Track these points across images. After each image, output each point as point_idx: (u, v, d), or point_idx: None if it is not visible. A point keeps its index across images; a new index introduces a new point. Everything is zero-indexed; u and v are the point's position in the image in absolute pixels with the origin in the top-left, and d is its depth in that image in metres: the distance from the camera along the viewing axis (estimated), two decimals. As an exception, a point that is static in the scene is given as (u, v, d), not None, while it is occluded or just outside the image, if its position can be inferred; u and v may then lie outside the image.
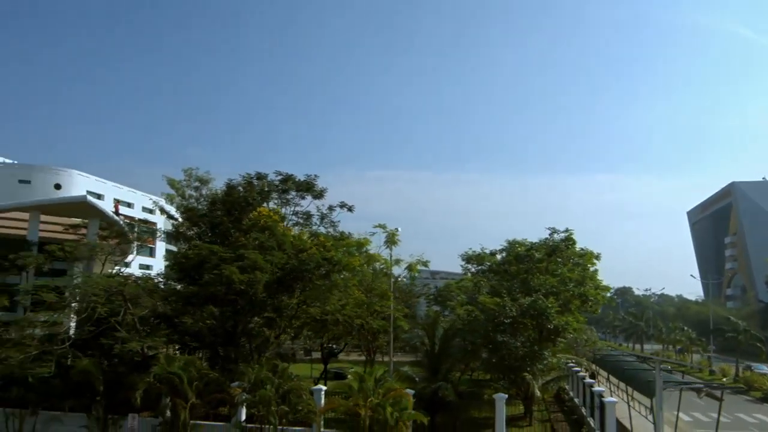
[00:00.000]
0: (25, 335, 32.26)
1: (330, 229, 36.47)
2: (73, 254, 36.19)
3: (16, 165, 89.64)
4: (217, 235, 38.07)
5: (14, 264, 35.21)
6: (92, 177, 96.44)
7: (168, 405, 25.12)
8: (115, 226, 38.77)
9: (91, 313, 25.06)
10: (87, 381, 24.02)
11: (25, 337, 32.13)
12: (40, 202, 39.99)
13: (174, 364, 23.60)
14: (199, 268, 28.58)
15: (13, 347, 28.69)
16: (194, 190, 40.12)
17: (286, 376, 24.31)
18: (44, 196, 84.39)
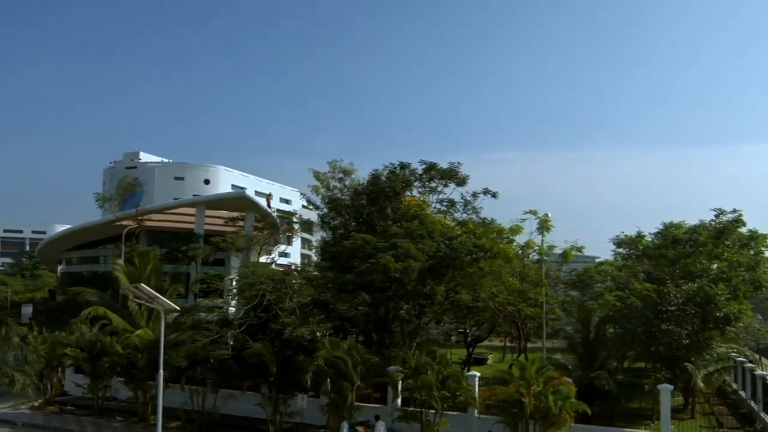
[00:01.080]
0: (198, 320, 35.65)
1: (473, 215, 36.60)
2: (233, 245, 39.36)
3: (172, 164, 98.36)
4: (361, 224, 39.45)
5: (186, 255, 39.02)
6: (236, 172, 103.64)
7: (328, 386, 26.67)
8: (268, 218, 41.49)
9: (260, 300, 27.06)
10: (260, 363, 25.95)
11: (198, 322, 35.50)
12: (205, 199, 43.89)
13: (338, 349, 24.92)
14: (353, 257, 29.84)
15: (191, 330, 31.82)
16: (338, 181, 41.70)
17: (445, 362, 24.80)
18: (195, 191, 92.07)
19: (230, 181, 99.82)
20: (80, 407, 32.83)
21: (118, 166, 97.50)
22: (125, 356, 29.49)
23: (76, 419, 30.75)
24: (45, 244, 63.48)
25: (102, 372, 31.21)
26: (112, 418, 30.98)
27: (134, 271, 35.48)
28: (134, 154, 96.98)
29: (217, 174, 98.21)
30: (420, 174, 35.05)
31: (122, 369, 30.57)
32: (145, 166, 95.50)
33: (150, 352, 29.33)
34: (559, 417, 22.09)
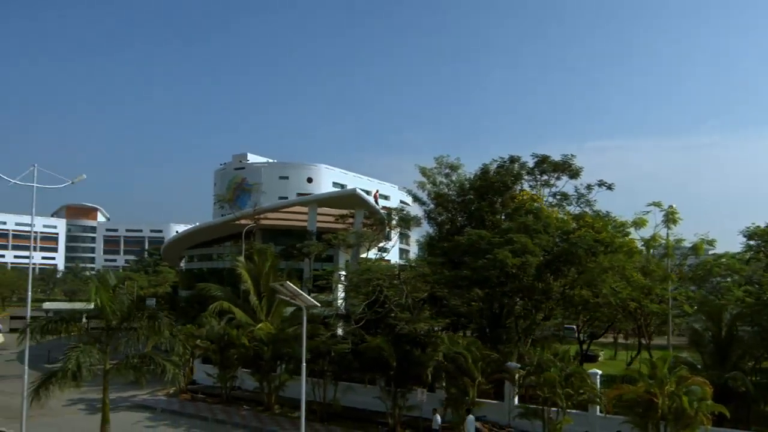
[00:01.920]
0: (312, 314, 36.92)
1: (587, 208, 35.47)
2: (344, 241, 40.45)
3: (277, 163, 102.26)
4: (470, 219, 39.28)
5: (300, 252, 40.57)
6: (337, 169, 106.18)
7: (443, 382, 26.85)
8: (376, 215, 42.25)
9: (378, 295, 27.67)
10: (379, 357, 26.55)
11: (312, 317, 36.78)
12: (317, 197, 45.44)
13: (457, 344, 25.04)
14: (466, 253, 29.80)
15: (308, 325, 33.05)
16: (444, 176, 41.72)
17: (567, 359, 24.28)
18: (299, 189, 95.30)
19: (331, 178, 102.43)
20: (209, 395, 35.05)
21: (227, 168, 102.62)
22: (252, 348, 31.11)
23: (208, 407, 32.87)
24: (169, 243, 68.07)
25: (229, 363, 33.12)
26: (239, 406, 32.84)
27: (254, 268, 37.34)
28: (242, 156, 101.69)
29: (318, 172, 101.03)
30: (531, 167, 34.40)
31: (248, 360, 32.28)
32: (252, 166, 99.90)
33: (275, 344, 30.82)
34: (694, 419, 21.03)
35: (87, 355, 17.50)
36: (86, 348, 17.77)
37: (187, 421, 30.07)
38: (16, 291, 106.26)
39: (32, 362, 50.47)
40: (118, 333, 19.40)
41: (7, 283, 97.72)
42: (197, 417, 30.82)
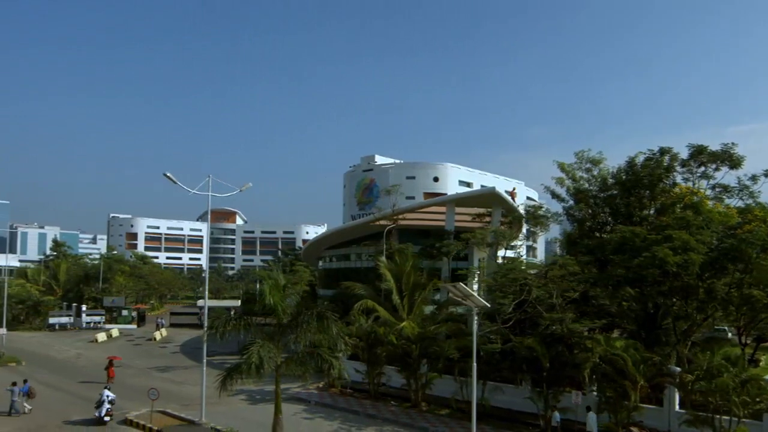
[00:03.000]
0: (450, 313, 37.18)
1: (749, 201, 32.68)
2: (483, 240, 40.28)
3: (404, 164, 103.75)
4: (614, 215, 37.55)
5: (439, 251, 40.97)
6: (463, 168, 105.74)
7: (595, 384, 25.91)
8: (514, 213, 41.64)
9: (527, 294, 27.32)
10: (530, 357, 26.20)
11: (450, 315, 37.02)
12: (456, 197, 45.68)
13: (614, 346, 24.10)
14: (618, 251, 28.57)
15: (445, 324, 33.40)
16: (585, 171, 40.22)
17: (741, 365, 22.55)
18: (426, 188, 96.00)
19: (457, 177, 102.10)
20: (357, 390, 36.40)
21: (356, 170, 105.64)
22: (400, 346, 31.88)
23: (357, 401, 34.16)
24: (309, 244, 71.48)
25: (376, 360, 34.17)
26: (387, 402, 33.80)
27: (395, 267, 38.21)
28: (370, 158, 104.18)
29: (445, 171, 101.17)
30: (686, 159, 32.24)
31: (395, 358, 33.11)
32: (380, 168, 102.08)
33: (422, 342, 31.39)
34: None
35: (266, 350, 18.91)
36: (264, 344, 19.20)
37: (341, 415, 31.43)
38: (170, 289, 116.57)
39: (193, 355, 55.38)
40: (287, 330, 20.72)
41: (165, 282, 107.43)
42: (349, 411, 32.12)
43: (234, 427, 26.75)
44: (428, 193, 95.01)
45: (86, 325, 72.90)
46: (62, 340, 63.58)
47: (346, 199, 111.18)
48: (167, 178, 23.36)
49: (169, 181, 23.39)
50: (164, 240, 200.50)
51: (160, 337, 66.38)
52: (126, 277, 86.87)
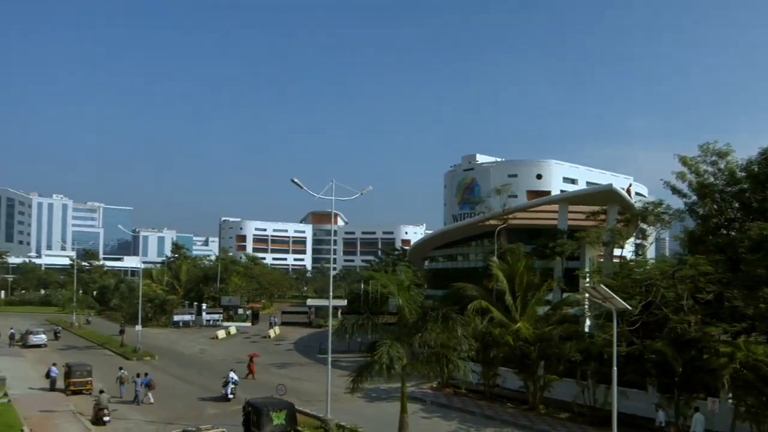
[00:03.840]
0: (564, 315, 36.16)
1: None
2: (599, 239, 38.93)
3: (505, 162, 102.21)
4: (744, 210, 35.01)
5: (553, 251, 40.05)
6: (566, 164, 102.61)
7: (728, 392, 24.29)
8: (631, 210, 39.88)
9: (653, 297, 26.12)
10: (660, 361, 25.05)
11: (564, 317, 35.99)
12: (569, 195, 44.61)
13: (758, 351, 22.52)
14: (756, 249, 26.68)
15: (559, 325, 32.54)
16: (710, 165, 37.79)
17: None
18: (528, 186, 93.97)
19: (561, 174, 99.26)
20: (471, 391, 36.33)
21: (457, 169, 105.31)
22: (517, 348, 31.50)
23: (472, 402, 34.11)
24: (416, 244, 72.17)
25: (492, 361, 33.96)
26: (503, 403, 33.50)
27: (507, 268, 37.74)
28: (471, 157, 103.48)
29: (548, 168, 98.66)
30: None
31: (512, 359, 32.75)
32: (481, 167, 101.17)
33: (541, 344, 30.85)
34: None
35: (394, 350, 19.37)
36: (393, 343, 19.67)
37: (457, 415, 31.52)
38: (279, 289, 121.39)
39: (306, 352, 57.46)
40: (412, 330, 21.08)
41: (275, 282, 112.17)
42: (465, 411, 32.15)
43: (357, 424, 27.51)
44: (531, 191, 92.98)
45: (206, 323, 77.63)
46: (186, 336, 68.08)
47: (447, 199, 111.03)
48: (294, 183, 24.46)
49: (296, 186, 24.49)
50: (270, 242, 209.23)
51: (274, 334, 69.41)
52: (240, 277, 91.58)
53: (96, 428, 27.50)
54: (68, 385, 35.29)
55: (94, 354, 52.09)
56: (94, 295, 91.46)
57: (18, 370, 41.83)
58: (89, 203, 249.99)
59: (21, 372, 41.76)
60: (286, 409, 24.04)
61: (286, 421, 23.59)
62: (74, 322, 74.18)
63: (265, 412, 23.39)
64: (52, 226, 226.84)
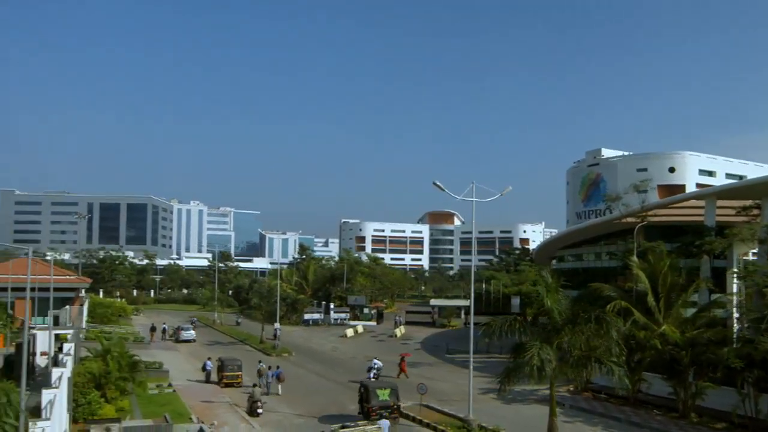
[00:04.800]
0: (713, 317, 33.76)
1: None
2: (753, 236, 36.00)
3: (633, 156, 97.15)
4: None
5: (701, 249, 37.61)
6: (702, 155, 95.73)
7: None
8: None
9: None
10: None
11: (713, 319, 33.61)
12: (717, 189, 41.66)
13: None
14: None
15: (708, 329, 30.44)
16: None
17: None
18: (660, 180, 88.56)
19: (697, 166, 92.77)
20: (611, 396, 34.89)
21: (580, 165, 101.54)
22: (666, 352, 29.92)
23: (616, 408, 32.75)
24: (543, 243, 70.56)
25: (636, 365, 32.44)
26: (649, 410, 31.91)
27: (648, 267, 35.87)
28: (596, 152, 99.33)
29: (682, 160, 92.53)
30: None
31: (659, 364, 31.14)
32: (607, 161, 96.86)
33: (693, 349, 29.11)
34: None
35: (545, 352, 19.15)
36: (543, 346, 19.45)
37: (600, 420, 30.49)
38: (400, 288, 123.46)
39: (434, 351, 57.98)
40: (561, 332, 20.71)
41: (396, 282, 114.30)
42: (608, 417, 31.00)
43: (500, 426, 27.43)
44: (663, 185, 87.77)
45: (334, 321, 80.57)
46: (317, 334, 71.06)
47: (570, 197, 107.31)
48: (436, 186, 24.91)
49: (438, 188, 24.92)
50: (388, 242, 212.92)
51: (400, 334, 70.63)
52: (364, 277, 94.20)
53: (251, 419, 29.54)
54: (221, 378, 38.16)
55: (236, 349, 55.82)
56: (230, 294, 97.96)
57: (175, 363, 45.74)
58: (222, 208, 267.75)
59: (178, 365, 45.64)
60: (390, 388, 29.30)
61: (390, 397, 28.70)
62: (216, 320, 79.91)
63: (372, 389, 28.91)
64: (190, 230, 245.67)
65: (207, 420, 27.62)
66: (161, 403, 30.83)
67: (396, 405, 28.88)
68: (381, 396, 28.66)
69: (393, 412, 28.31)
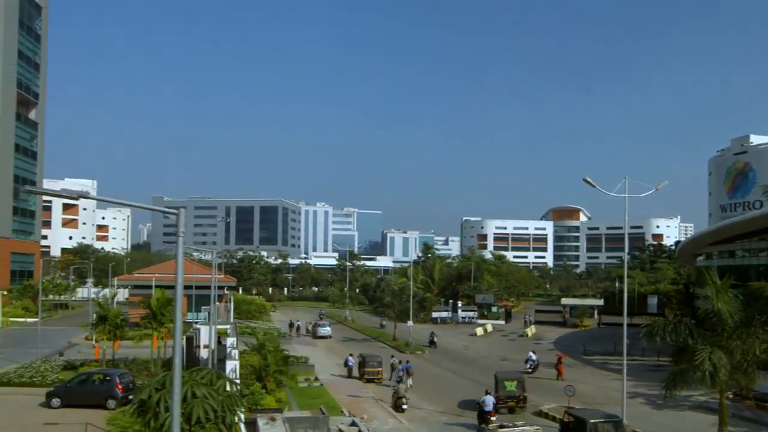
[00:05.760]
0: None
1: None
2: None
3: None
4: None
5: None
6: None
7: None
8: None
9: None
10: None
11: None
12: None
13: None
14: None
15: None
16: None
17: None
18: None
19: None
20: (774, 405, 32.08)
21: (725, 154, 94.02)
22: None
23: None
24: (688, 240, 66.25)
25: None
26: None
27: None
28: (743, 138, 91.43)
29: None
30: None
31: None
32: (756, 149, 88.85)
33: None
34: None
35: (716, 356, 18.04)
36: (714, 350, 18.33)
37: (769, 432, 28.18)
38: (526, 287, 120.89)
39: (568, 352, 56.23)
40: (733, 335, 19.40)
41: (523, 280, 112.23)
42: (778, 428, 28.58)
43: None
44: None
45: (462, 320, 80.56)
46: (446, 332, 71.34)
47: (713, 188, 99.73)
48: (587, 182, 24.24)
49: (588, 185, 24.24)
50: (511, 240, 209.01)
51: (530, 333, 69.23)
52: (491, 275, 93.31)
53: (398, 414, 30.38)
54: (363, 373, 39.54)
55: (370, 346, 57.48)
56: (357, 291, 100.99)
57: (316, 358, 47.99)
58: (346, 209, 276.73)
59: (319, 359, 47.83)
60: (517, 380, 31.66)
61: (516, 388, 31.08)
62: (347, 317, 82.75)
63: (500, 380, 31.45)
64: (317, 230, 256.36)
65: (357, 414, 28.79)
66: (312, 395, 32.53)
67: (522, 396, 30.96)
68: (508, 387, 31.03)
69: (519, 402, 30.84)
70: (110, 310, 37.17)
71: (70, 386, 28.91)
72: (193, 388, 10.77)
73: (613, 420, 23.41)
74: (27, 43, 76.02)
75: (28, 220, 79.14)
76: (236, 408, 11.68)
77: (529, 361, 43.77)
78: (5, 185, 72.24)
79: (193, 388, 10.75)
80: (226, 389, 11.55)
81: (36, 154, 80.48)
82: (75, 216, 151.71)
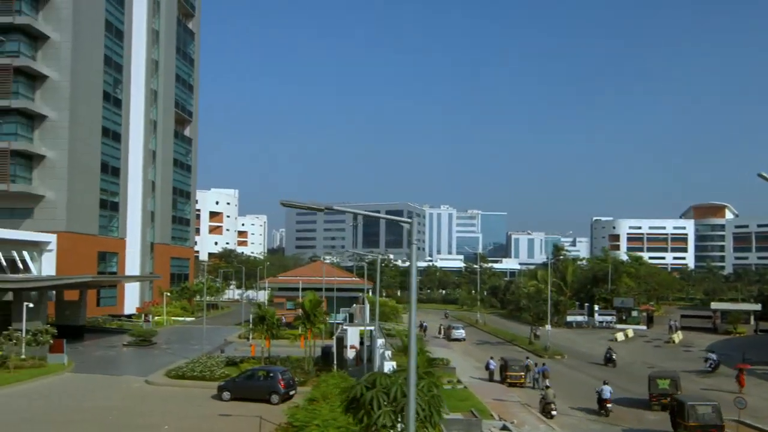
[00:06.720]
0: None
1: None
2: None
3: None
4: None
5: None
6: None
7: None
8: None
9: None
10: None
11: None
12: None
13: None
14: None
15: None
16: None
17: None
18: None
19: None
20: None
21: None
22: None
23: None
24: None
25: None
26: None
27: None
28: None
29: None
30: None
31: None
32: None
33: None
34: None
35: None
36: None
37: None
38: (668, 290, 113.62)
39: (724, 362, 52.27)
40: None
41: (664, 283, 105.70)
42: None
43: None
44: None
45: (599, 324, 77.39)
46: (583, 337, 69.04)
47: None
48: (761, 177, 22.46)
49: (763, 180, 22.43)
50: (646, 240, 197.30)
51: (677, 339, 65.14)
52: (629, 278, 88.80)
53: (548, 420, 30.01)
54: (505, 377, 39.39)
55: (506, 349, 56.98)
56: (485, 294, 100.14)
57: (454, 361, 48.40)
58: (469, 211, 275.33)
59: (456, 362, 48.18)
60: (670, 378, 32.37)
61: (669, 386, 31.80)
62: (478, 319, 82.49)
63: (652, 378, 32.52)
64: (441, 232, 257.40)
65: (506, 418, 28.83)
66: (459, 398, 32.92)
67: (675, 394, 30.59)
68: (661, 385, 32.03)
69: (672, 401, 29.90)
70: (267, 311, 39.98)
71: (238, 381, 31.52)
72: (403, 388, 11.63)
73: (711, 404, 25.98)
74: (183, 66, 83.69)
75: (184, 228, 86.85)
76: (441, 408, 12.37)
77: (709, 360, 44.07)
78: (166, 196, 79.92)
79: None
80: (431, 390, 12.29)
81: (190, 167, 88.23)
82: (220, 223, 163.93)
